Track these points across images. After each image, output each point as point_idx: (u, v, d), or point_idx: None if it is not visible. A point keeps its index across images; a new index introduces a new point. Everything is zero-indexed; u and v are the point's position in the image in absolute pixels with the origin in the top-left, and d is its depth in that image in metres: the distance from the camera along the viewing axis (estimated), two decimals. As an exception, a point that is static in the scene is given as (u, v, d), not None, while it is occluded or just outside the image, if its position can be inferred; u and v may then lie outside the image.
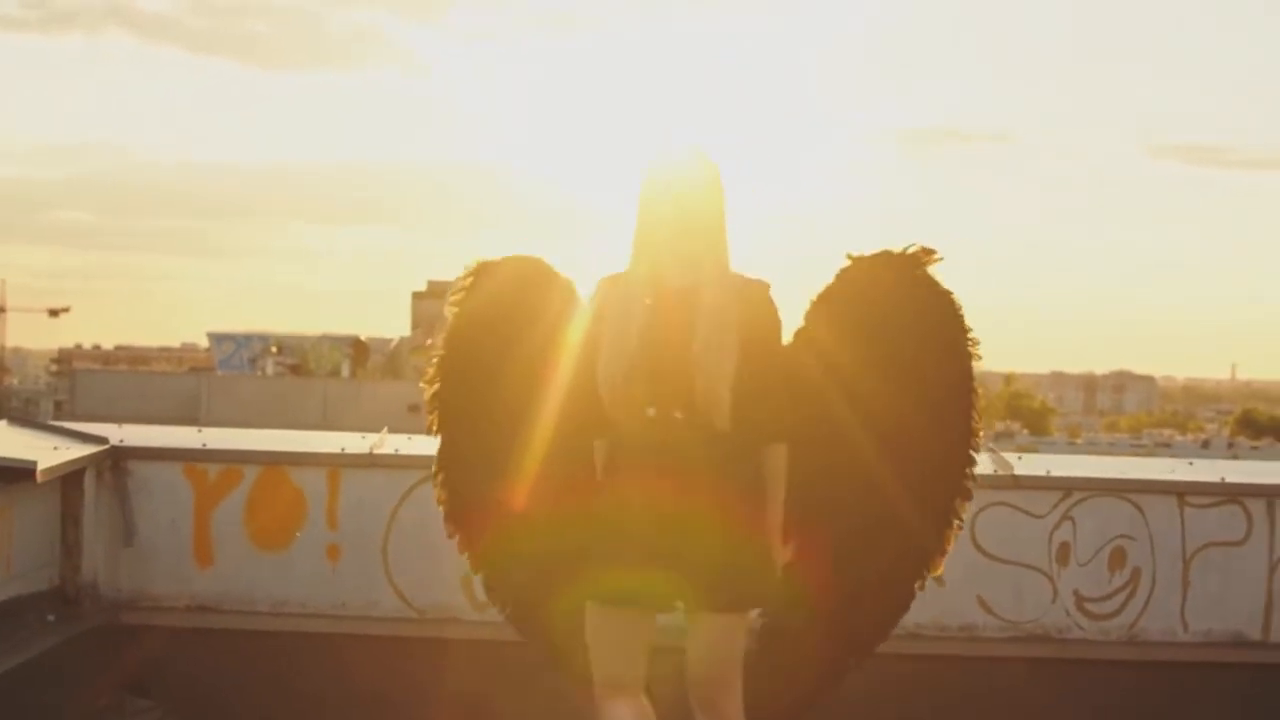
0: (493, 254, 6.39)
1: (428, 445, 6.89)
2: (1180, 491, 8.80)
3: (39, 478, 7.99)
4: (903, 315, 5.88)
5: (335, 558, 8.78)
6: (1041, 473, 8.85)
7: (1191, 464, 9.48)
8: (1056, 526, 8.77)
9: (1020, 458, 9.09)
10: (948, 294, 5.89)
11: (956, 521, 6.28)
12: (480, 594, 7.37)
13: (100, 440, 8.85)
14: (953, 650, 8.75)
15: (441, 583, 8.69)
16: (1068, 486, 8.79)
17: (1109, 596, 8.79)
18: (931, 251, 5.87)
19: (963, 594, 8.78)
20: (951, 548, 6.34)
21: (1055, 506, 8.78)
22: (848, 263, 5.86)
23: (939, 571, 6.41)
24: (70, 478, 8.59)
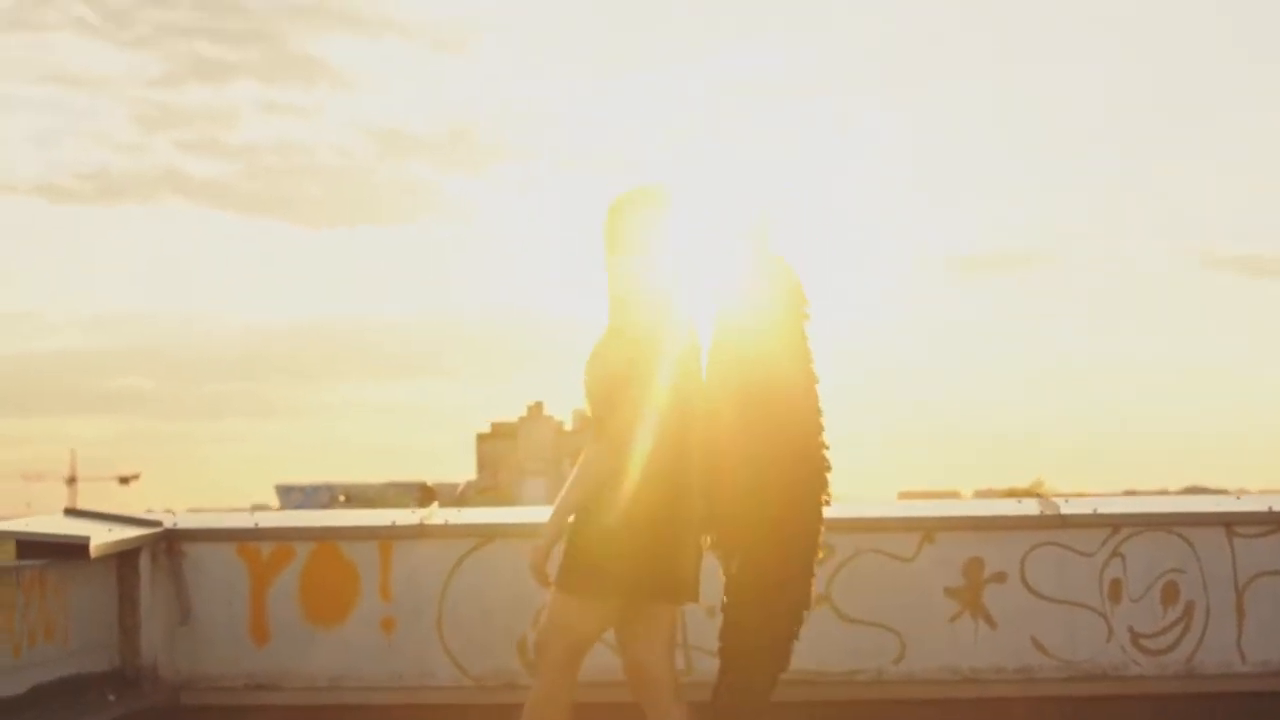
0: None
1: (477, 515, 6.98)
2: (1228, 522, 8.79)
3: (92, 553, 8.09)
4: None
5: (390, 630, 8.83)
6: (1088, 511, 8.84)
7: (1238, 497, 9.46)
8: (1106, 564, 8.77)
9: (1066, 500, 9.08)
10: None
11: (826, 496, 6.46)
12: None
13: (154, 524, 8.96)
14: (1010, 692, 8.73)
15: (496, 649, 8.74)
16: (1115, 524, 8.79)
17: (1164, 631, 8.76)
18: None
19: (1017, 635, 8.78)
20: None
21: (1104, 544, 8.78)
22: None
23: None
24: (126, 560, 8.70)
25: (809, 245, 6.40)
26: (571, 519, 6.19)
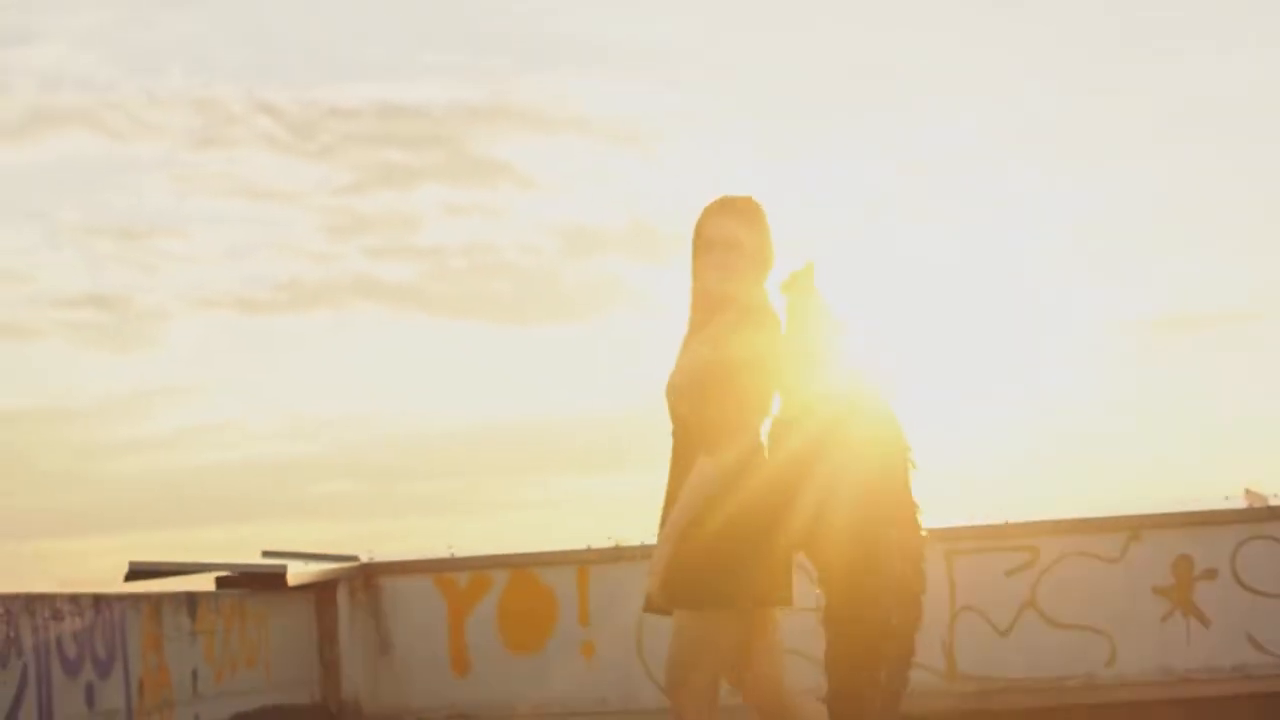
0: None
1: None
2: None
3: (290, 581, 8.11)
4: None
5: (590, 654, 8.76)
6: (1299, 500, 8.62)
7: None
8: (1322, 555, 8.53)
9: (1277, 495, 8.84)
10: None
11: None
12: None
13: (351, 558, 8.97)
14: (1227, 691, 8.48)
15: (698, 669, 8.62)
16: (1330, 513, 8.55)
17: (1385, 622, 8.49)
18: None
19: (1231, 633, 8.54)
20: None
21: (1318, 534, 8.54)
22: None
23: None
24: (324, 594, 8.72)
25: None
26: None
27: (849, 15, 15.84)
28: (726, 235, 5.50)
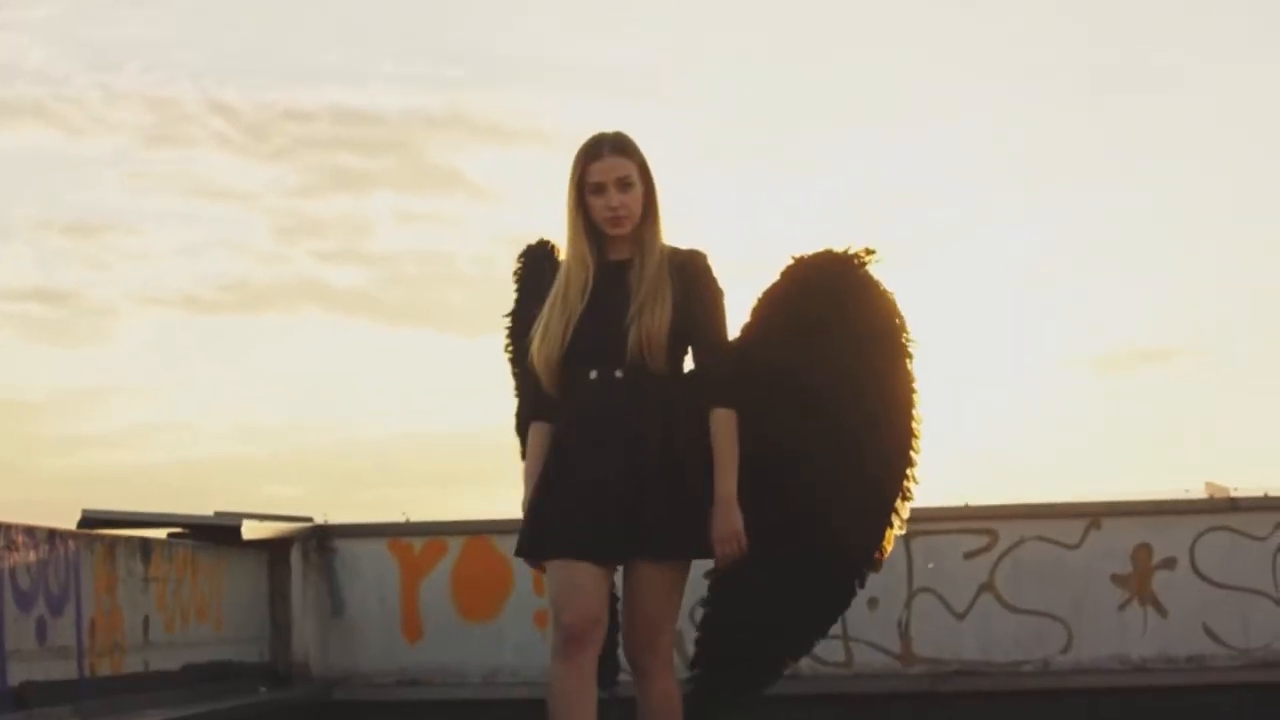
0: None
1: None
2: (1406, 501, 8.54)
3: (244, 535, 8.05)
4: (844, 314, 5.64)
5: (544, 623, 8.67)
6: (1259, 494, 8.61)
7: None
8: (1280, 548, 8.53)
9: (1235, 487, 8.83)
10: (888, 294, 5.66)
11: (898, 521, 5.81)
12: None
13: (305, 519, 8.89)
14: (1181, 681, 8.47)
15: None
16: (1288, 506, 8.55)
17: (1342, 617, 8.49)
18: (872, 250, 5.67)
19: (1188, 623, 8.54)
20: (890, 548, 5.83)
21: (1277, 527, 8.54)
22: (791, 261, 5.70)
23: (878, 570, 5.87)
24: (277, 553, 8.66)
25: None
26: None
27: (802, 43, 15.84)
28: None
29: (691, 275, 5.32)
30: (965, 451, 12.23)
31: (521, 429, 5.49)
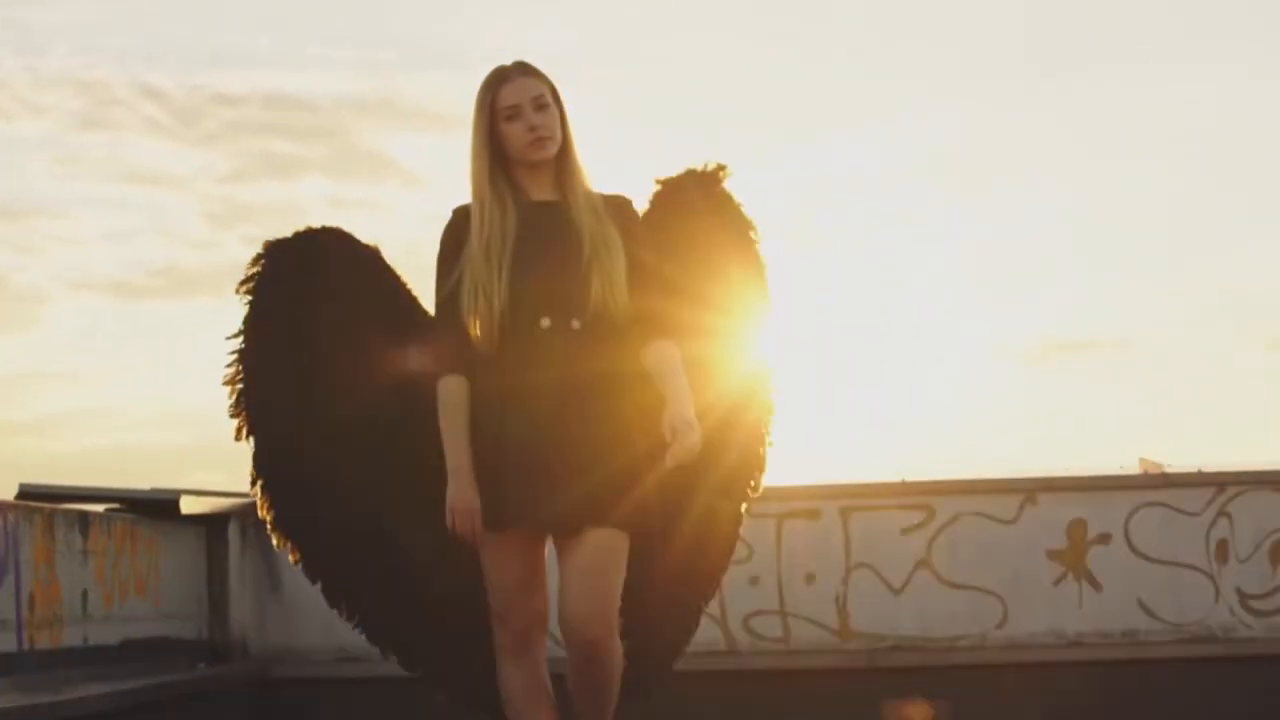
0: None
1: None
2: (1339, 478, 8.63)
3: (182, 508, 8.03)
4: (708, 231, 5.64)
5: (482, 599, 8.68)
6: (1193, 469, 8.69)
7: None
8: (1213, 524, 8.61)
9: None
10: (740, 207, 5.65)
11: (769, 439, 5.70)
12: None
13: (243, 494, 8.85)
14: (1116, 655, 8.54)
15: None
16: (1221, 482, 8.65)
17: (1273, 592, 8.59)
18: (723, 167, 5.65)
19: (1122, 598, 8.61)
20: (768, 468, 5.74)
21: (1210, 503, 8.63)
22: (658, 186, 5.68)
23: (759, 491, 5.74)
24: (215, 529, 8.61)
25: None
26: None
27: (748, 36, 15.85)
28: None
29: (628, 220, 5.17)
30: (901, 431, 12.31)
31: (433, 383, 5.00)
